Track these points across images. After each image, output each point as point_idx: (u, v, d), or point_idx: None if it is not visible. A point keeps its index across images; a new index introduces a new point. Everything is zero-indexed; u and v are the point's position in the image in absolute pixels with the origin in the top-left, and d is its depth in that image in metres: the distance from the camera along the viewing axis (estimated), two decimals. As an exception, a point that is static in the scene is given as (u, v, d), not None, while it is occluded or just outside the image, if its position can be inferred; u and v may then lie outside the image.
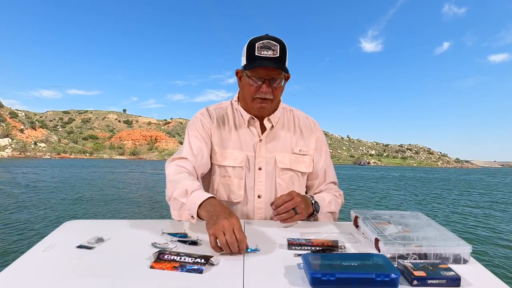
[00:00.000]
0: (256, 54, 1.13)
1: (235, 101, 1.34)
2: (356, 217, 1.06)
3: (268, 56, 1.13)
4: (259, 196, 1.26)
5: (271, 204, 1.11)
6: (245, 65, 1.18)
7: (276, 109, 1.31)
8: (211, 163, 1.28)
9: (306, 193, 1.38)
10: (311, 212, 1.18)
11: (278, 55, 1.13)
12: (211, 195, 1.02)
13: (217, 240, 0.85)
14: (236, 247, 0.83)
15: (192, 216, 1.03)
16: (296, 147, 1.31)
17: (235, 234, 0.84)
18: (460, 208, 12.64)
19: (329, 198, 1.27)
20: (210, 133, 1.28)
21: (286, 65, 1.17)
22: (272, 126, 1.30)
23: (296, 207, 1.09)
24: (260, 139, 1.28)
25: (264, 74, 1.15)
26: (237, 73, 1.28)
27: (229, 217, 0.89)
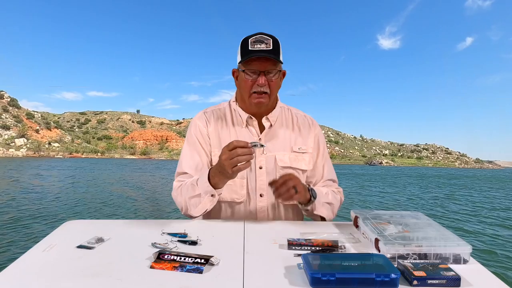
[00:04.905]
0: (249, 48, 1.16)
1: (233, 101, 1.35)
2: (356, 217, 1.06)
3: (261, 49, 1.16)
4: (261, 195, 1.26)
5: (270, 184, 1.14)
6: (239, 61, 1.21)
7: (274, 108, 1.33)
8: (212, 165, 1.29)
9: None
10: (309, 198, 1.19)
11: (271, 48, 1.17)
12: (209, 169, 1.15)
13: (238, 165, 1.01)
14: (245, 150, 1.00)
15: (212, 195, 1.14)
16: (295, 146, 1.31)
17: (232, 151, 1.00)
18: (460, 208, 12.64)
19: (325, 190, 1.29)
20: (208, 136, 1.30)
21: (281, 59, 1.20)
22: (271, 125, 1.31)
23: (296, 186, 1.11)
24: (260, 138, 1.29)
25: (258, 66, 1.18)
26: (233, 73, 1.30)
27: (221, 155, 1.05)
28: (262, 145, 1.04)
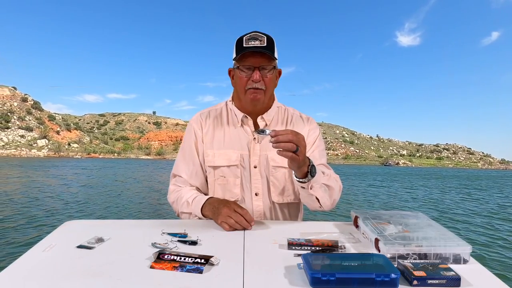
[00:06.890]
0: (244, 45, 1.17)
1: (230, 101, 1.37)
2: (356, 217, 1.07)
3: (256, 45, 1.17)
4: (256, 194, 1.27)
5: (273, 136, 0.98)
6: (234, 57, 1.21)
7: (270, 107, 1.33)
8: (207, 166, 1.31)
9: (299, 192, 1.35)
10: (305, 173, 1.08)
11: (265, 44, 1.17)
12: (208, 197, 1.20)
13: (228, 224, 1.03)
14: (245, 221, 1.03)
15: (201, 218, 1.19)
16: None
17: (232, 213, 1.04)
18: (461, 208, 12.64)
19: (327, 172, 1.23)
20: (202, 138, 1.32)
21: (276, 56, 1.20)
22: (266, 125, 1.31)
23: (299, 147, 0.98)
24: (254, 138, 1.29)
25: (253, 62, 1.18)
26: (229, 72, 1.31)
27: (227, 204, 1.09)
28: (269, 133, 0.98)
